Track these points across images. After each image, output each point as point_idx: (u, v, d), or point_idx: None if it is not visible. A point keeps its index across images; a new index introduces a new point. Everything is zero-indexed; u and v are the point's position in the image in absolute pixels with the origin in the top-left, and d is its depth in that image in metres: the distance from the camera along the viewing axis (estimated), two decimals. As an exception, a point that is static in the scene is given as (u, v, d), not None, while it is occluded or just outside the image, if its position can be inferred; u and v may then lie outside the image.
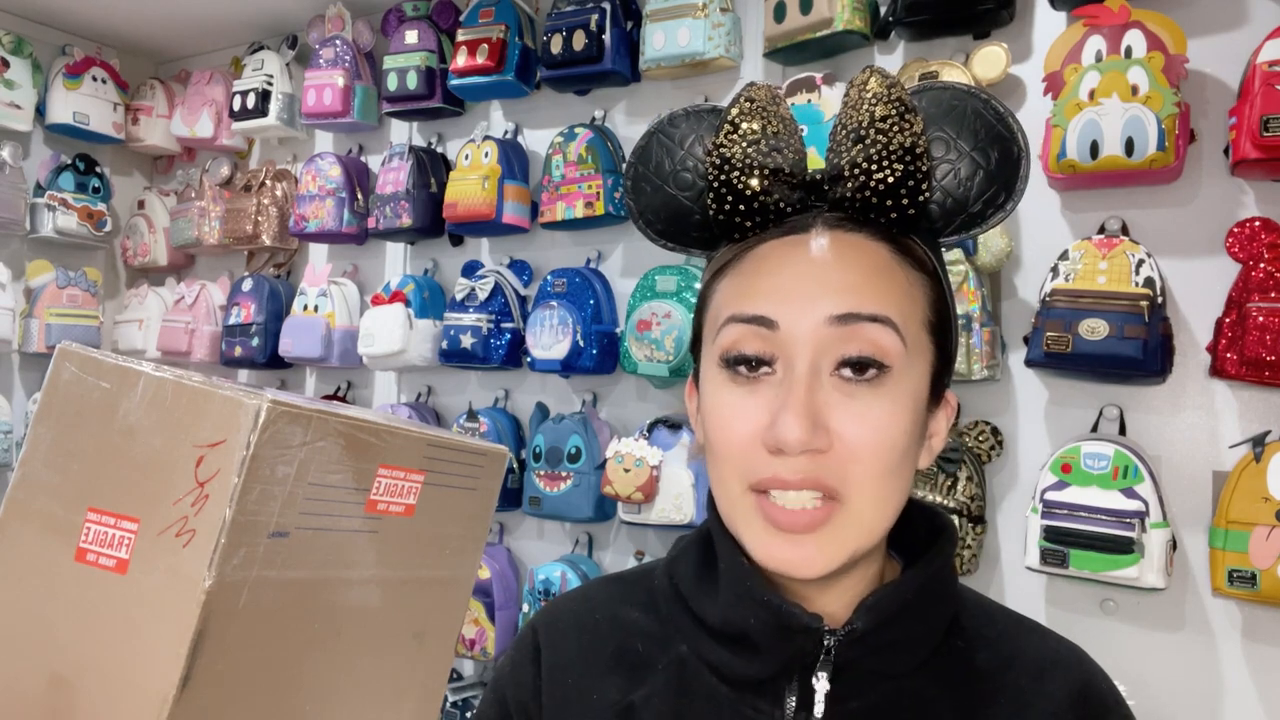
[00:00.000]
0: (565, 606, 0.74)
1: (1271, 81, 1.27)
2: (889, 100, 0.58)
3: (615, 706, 0.65)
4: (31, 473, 0.44)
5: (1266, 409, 1.38)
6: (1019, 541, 1.48)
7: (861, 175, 0.58)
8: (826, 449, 0.56)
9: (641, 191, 0.67)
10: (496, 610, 1.97)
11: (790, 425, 0.55)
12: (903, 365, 0.58)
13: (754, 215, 0.61)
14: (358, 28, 2.33)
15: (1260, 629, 1.37)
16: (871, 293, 0.58)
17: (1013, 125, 0.60)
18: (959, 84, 0.61)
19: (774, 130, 0.61)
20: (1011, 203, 0.60)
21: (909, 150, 0.57)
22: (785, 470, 0.57)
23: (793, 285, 0.59)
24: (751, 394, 0.59)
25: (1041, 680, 0.63)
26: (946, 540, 0.65)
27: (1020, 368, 1.53)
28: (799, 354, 0.57)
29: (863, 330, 0.57)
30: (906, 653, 0.62)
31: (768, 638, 0.61)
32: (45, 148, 2.64)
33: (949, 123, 0.60)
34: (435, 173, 2.17)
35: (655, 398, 1.95)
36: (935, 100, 0.61)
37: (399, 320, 2.09)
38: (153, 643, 0.40)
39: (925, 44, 1.66)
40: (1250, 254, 1.34)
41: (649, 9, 1.82)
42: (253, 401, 0.40)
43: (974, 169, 0.59)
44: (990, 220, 0.61)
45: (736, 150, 0.60)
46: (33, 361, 2.66)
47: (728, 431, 0.59)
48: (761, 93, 0.62)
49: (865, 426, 0.57)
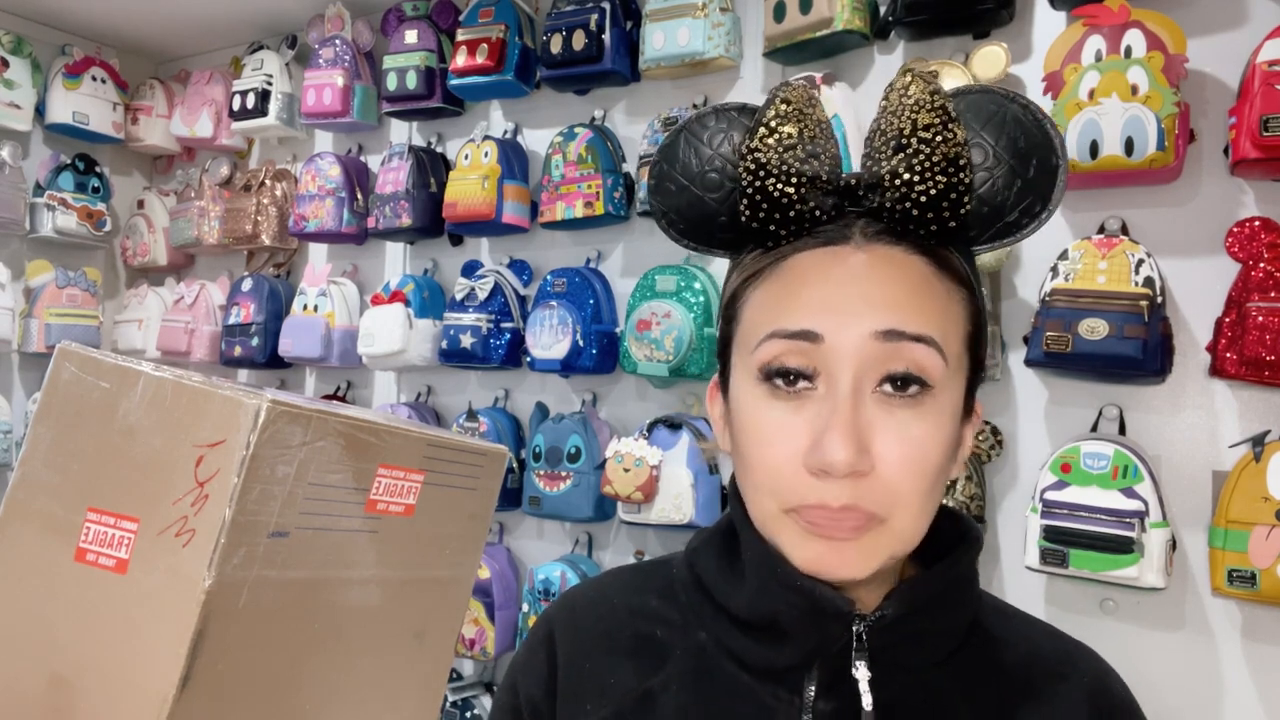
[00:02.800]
0: (581, 594, 0.74)
1: (1271, 81, 1.27)
2: (932, 108, 0.56)
3: (633, 693, 0.65)
4: (31, 473, 0.44)
5: (1266, 409, 1.38)
6: (1019, 541, 1.48)
7: (903, 186, 0.56)
8: (869, 471, 0.55)
9: (666, 190, 0.64)
10: (496, 610, 1.97)
11: (837, 447, 0.54)
12: (943, 384, 0.57)
13: (789, 223, 0.59)
14: (357, 27, 2.33)
15: (1260, 629, 1.37)
16: (915, 311, 0.57)
17: (1051, 133, 0.58)
18: (999, 89, 0.60)
19: (810, 134, 0.59)
20: (1048, 212, 0.59)
21: (952, 161, 0.56)
22: (829, 496, 0.56)
23: (836, 299, 0.57)
24: (792, 411, 0.58)
25: (1058, 680, 0.64)
26: (973, 542, 0.65)
27: (1020, 367, 1.53)
28: (843, 369, 0.56)
29: (906, 349, 0.56)
30: (931, 645, 0.63)
31: (797, 623, 0.60)
32: (45, 147, 2.64)
33: (989, 130, 0.58)
34: (435, 172, 2.17)
35: (655, 397, 1.95)
36: (974, 105, 0.59)
37: (399, 320, 2.09)
38: (153, 643, 0.40)
39: (925, 44, 1.66)
40: (1250, 254, 1.34)
41: (649, 9, 1.82)
42: (253, 401, 0.40)
43: (1012, 178, 0.58)
44: (1026, 230, 0.59)
45: (773, 155, 0.58)
46: (32, 361, 2.66)
47: (767, 451, 0.58)
48: (797, 94, 0.60)
49: (907, 447, 0.56)
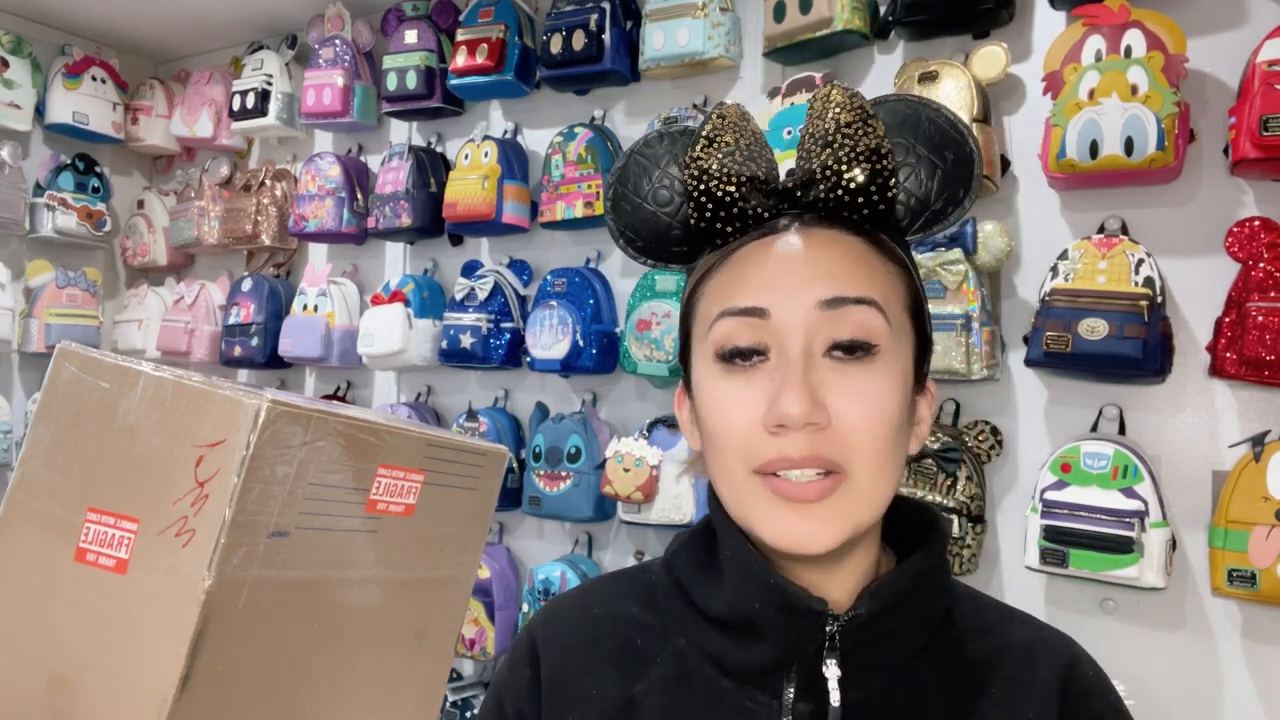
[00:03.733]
0: (563, 605, 0.75)
1: (1271, 81, 1.27)
2: (851, 108, 0.62)
3: (616, 701, 0.66)
4: (31, 473, 0.44)
5: (1266, 409, 1.38)
6: (1019, 541, 1.48)
7: (833, 176, 0.62)
8: (826, 424, 0.59)
9: (622, 210, 0.70)
10: (496, 610, 1.97)
11: (791, 400, 0.58)
12: (889, 345, 0.61)
13: (733, 220, 0.64)
14: (357, 27, 2.33)
15: (1260, 628, 1.37)
16: (855, 278, 0.61)
17: (963, 129, 0.64)
18: (910, 95, 0.66)
19: (746, 143, 0.64)
20: (969, 199, 0.64)
21: (874, 151, 0.61)
22: (789, 448, 0.59)
23: (780, 275, 0.62)
24: (748, 384, 0.61)
25: (1030, 668, 0.66)
26: (940, 533, 0.67)
27: (1020, 367, 1.53)
28: (791, 340, 0.60)
29: (851, 313, 0.60)
30: (904, 641, 0.64)
31: (772, 621, 0.62)
32: (45, 147, 2.64)
33: (905, 130, 0.64)
34: (435, 172, 2.17)
35: (655, 397, 1.95)
36: (891, 111, 0.65)
37: (399, 320, 2.09)
38: (153, 643, 0.40)
39: (925, 44, 1.66)
40: (1250, 253, 1.34)
41: (648, 9, 1.82)
42: (252, 401, 0.40)
43: (933, 170, 0.64)
44: (951, 217, 0.65)
45: (714, 161, 0.63)
46: (32, 361, 2.66)
47: (728, 421, 0.62)
48: (731, 110, 0.66)
49: (861, 402, 0.59)
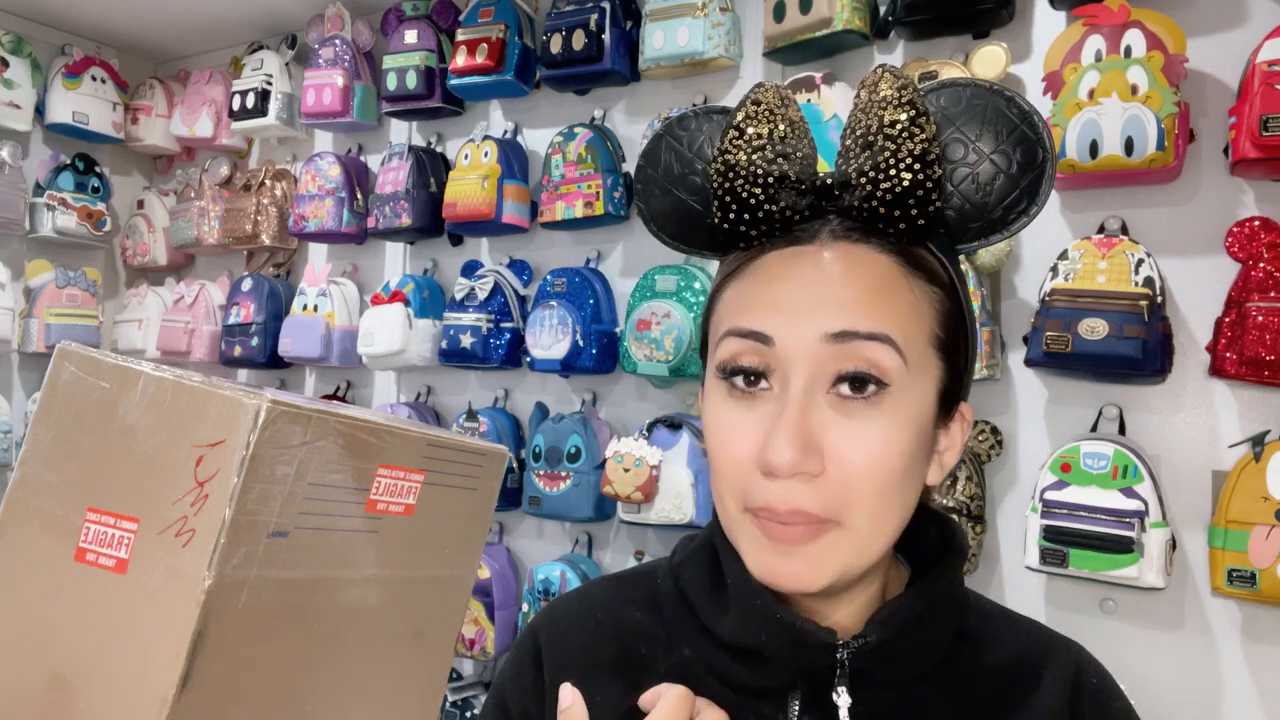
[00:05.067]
0: (565, 607, 0.74)
1: (1271, 81, 1.27)
2: (900, 104, 0.56)
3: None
4: (31, 473, 0.44)
5: (1266, 408, 1.38)
6: (1019, 541, 1.48)
7: (869, 184, 0.56)
8: (819, 473, 0.55)
9: (651, 195, 0.65)
10: (496, 610, 1.97)
11: (780, 448, 0.54)
12: (903, 383, 0.56)
13: (759, 224, 0.59)
14: (357, 27, 2.33)
15: (1260, 628, 1.37)
16: (869, 310, 0.56)
17: (1038, 125, 0.57)
18: (981, 81, 0.59)
19: (781, 134, 0.58)
20: (1036, 208, 0.57)
21: (919, 158, 0.55)
22: (776, 498, 0.56)
23: (789, 300, 0.57)
24: (748, 411, 0.58)
25: (1038, 675, 0.64)
26: (956, 553, 0.64)
27: (1020, 367, 1.53)
28: (794, 371, 0.56)
29: (860, 348, 0.55)
30: (915, 662, 0.62)
31: (779, 652, 0.60)
32: (45, 147, 2.64)
33: (969, 123, 0.57)
34: (435, 172, 2.17)
35: (655, 397, 1.95)
36: (955, 98, 0.58)
37: (399, 320, 2.09)
38: (153, 642, 0.40)
39: (925, 43, 1.66)
40: (1250, 253, 1.34)
41: (648, 8, 1.82)
42: (252, 401, 0.40)
43: (994, 173, 0.57)
44: (1013, 226, 0.58)
45: (741, 157, 0.58)
46: (32, 361, 2.66)
47: (725, 451, 0.59)
48: (769, 94, 0.59)
49: (862, 447, 0.55)
